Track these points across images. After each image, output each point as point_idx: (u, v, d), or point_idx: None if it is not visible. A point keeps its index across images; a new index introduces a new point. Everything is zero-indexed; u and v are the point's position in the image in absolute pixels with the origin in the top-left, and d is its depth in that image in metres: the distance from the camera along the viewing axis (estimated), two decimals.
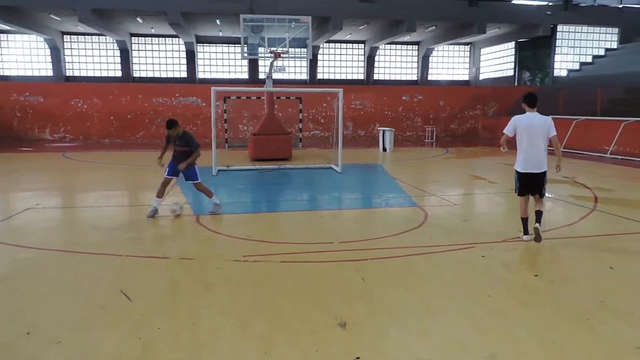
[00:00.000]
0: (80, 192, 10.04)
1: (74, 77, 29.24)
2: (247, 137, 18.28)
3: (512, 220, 7.23)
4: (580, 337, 3.54)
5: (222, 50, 30.93)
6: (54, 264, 5.23)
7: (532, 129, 5.81)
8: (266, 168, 12.79)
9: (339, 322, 3.73)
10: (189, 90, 24.07)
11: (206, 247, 5.79)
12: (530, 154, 5.83)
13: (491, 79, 32.09)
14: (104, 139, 23.09)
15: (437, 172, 13.43)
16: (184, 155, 7.14)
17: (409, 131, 26.02)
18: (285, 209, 8.46)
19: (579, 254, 5.62)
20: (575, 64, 28.07)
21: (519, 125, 5.95)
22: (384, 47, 32.22)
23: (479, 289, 4.45)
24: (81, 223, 7.28)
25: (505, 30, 27.89)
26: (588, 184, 10.51)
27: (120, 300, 4.16)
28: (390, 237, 6.26)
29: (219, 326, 3.68)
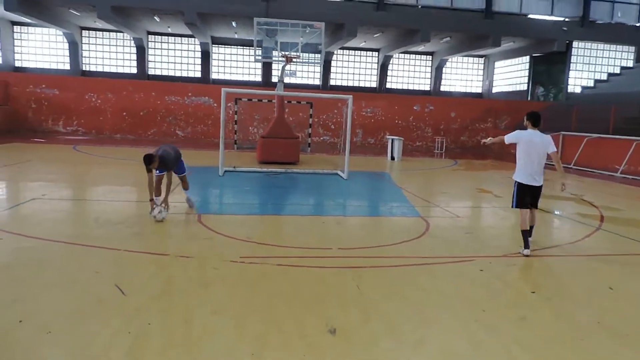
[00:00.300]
0: (88, 185, 10.15)
1: (90, 72, 29.62)
2: (256, 139, 18.36)
3: (514, 235, 7.18)
4: (575, 358, 3.50)
5: (236, 52, 31.15)
6: (56, 255, 5.29)
7: (533, 146, 6.04)
8: (273, 171, 12.83)
9: (329, 329, 3.72)
10: (201, 90, 24.26)
11: (205, 246, 5.82)
12: (529, 168, 6.05)
13: (504, 92, 31.96)
14: (115, 134, 23.33)
15: (444, 183, 13.38)
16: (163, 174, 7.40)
17: (418, 141, 25.96)
18: (288, 213, 8.48)
19: (579, 272, 5.57)
20: (589, 81, 27.86)
21: (521, 139, 6.19)
22: (397, 56, 32.25)
23: (475, 303, 4.42)
24: (86, 216, 7.36)
25: (520, 44, 27.79)
26: (596, 202, 10.41)
27: (116, 294, 4.19)
28: (390, 246, 6.25)
29: (211, 325, 3.70)
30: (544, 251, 6.32)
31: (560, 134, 20.23)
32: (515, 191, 6.26)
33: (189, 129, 23.99)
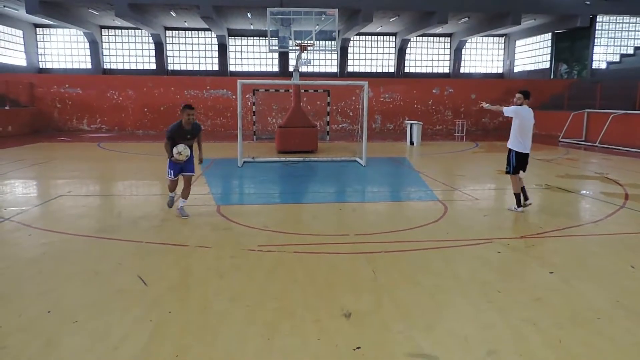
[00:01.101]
0: (110, 181, 10.43)
1: (110, 70, 30.19)
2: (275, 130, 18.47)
3: (533, 216, 7.10)
4: (589, 337, 3.48)
5: (253, 43, 31.25)
6: (81, 248, 5.49)
7: (529, 120, 7.14)
8: (291, 160, 12.91)
9: (344, 313, 3.79)
10: (219, 83, 24.48)
11: (223, 236, 5.95)
12: (526, 139, 7.15)
13: (526, 71, 31.24)
14: (137, 130, 23.79)
15: (463, 166, 13.25)
16: (191, 148, 6.70)
17: (438, 125, 25.68)
18: (305, 201, 8.56)
19: (600, 252, 5.48)
20: (615, 56, 26.99)
21: (522, 115, 7.11)
22: (415, 40, 31.83)
23: (490, 285, 4.42)
24: (109, 210, 7.58)
25: (541, 21, 27.05)
26: (621, 180, 10.17)
27: (137, 285, 4.34)
28: (407, 230, 6.26)
29: (228, 312, 3.81)
30: (564, 231, 6.24)
31: (585, 112, 19.71)
32: (513, 159, 7.20)
33: (208, 122, 24.26)
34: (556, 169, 11.95)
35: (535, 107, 25.28)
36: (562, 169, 12.08)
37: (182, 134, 6.50)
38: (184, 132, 6.52)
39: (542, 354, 3.24)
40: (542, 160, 13.79)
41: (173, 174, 6.80)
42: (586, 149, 17.29)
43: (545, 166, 12.61)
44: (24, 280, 4.44)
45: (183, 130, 6.51)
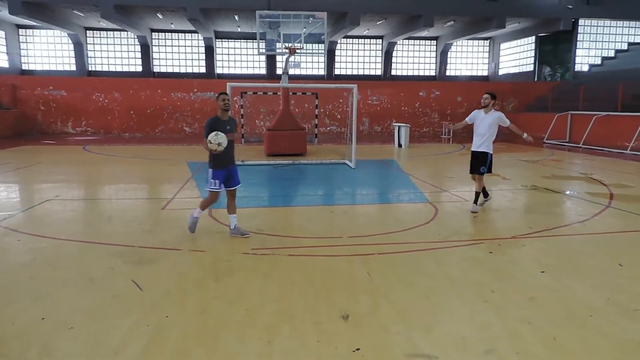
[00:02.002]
0: (99, 185, 10.31)
1: (96, 72, 29.86)
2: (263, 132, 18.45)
3: (523, 217, 7.22)
4: (583, 334, 3.55)
5: (240, 46, 31.19)
6: (72, 253, 5.42)
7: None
8: (280, 163, 12.92)
9: (342, 315, 3.81)
10: (207, 86, 24.38)
11: (217, 239, 5.93)
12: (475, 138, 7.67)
13: (511, 74, 31.69)
14: (124, 133, 23.56)
15: (452, 168, 13.38)
16: (232, 146, 5.94)
17: (425, 127, 25.90)
18: (297, 204, 8.57)
19: (589, 251, 5.59)
20: (597, 59, 27.53)
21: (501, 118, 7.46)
22: (401, 43, 32.07)
23: (484, 285, 4.48)
24: (99, 215, 7.50)
25: (525, 24, 27.48)
26: (605, 180, 10.37)
27: (132, 289, 4.31)
28: (399, 232, 6.31)
29: (226, 316, 3.80)
30: (553, 231, 6.35)
31: (569, 114, 20.06)
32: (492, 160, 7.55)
33: (195, 124, 24.15)
34: (542, 170, 12.14)
35: (521, 109, 25.76)
36: (547, 169, 12.27)
37: (221, 127, 5.69)
38: (223, 123, 5.72)
39: (539, 352, 3.29)
40: (528, 161, 14.00)
41: (219, 184, 5.82)
42: (570, 150, 17.59)
43: (531, 167, 12.80)
44: (15, 287, 4.37)
45: (221, 122, 5.72)
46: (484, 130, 7.34)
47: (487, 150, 7.39)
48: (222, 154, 5.68)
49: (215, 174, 5.80)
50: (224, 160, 5.79)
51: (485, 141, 7.37)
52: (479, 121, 7.38)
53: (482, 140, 7.39)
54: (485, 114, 7.34)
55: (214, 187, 5.81)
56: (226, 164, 5.83)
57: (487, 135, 7.36)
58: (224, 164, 5.82)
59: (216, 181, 5.80)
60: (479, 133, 7.42)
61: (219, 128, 5.61)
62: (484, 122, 7.33)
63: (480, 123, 7.37)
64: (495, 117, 7.33)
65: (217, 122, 5.69)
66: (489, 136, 7.38)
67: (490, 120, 7.31)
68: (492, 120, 7.32)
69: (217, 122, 5.70)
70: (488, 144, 7.39)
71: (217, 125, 5.66)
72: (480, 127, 7.37)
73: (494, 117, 7.33)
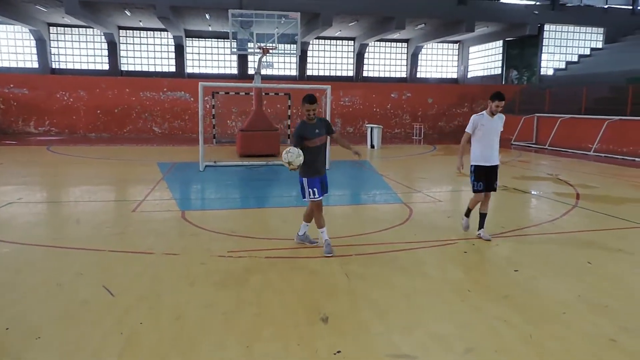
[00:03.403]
0: (65, 187, 9.95)
1: (60, 70, 28.89)
2: (235, 133, 18.24)
3: (495, 217, 7.34)
4: (557, 330, 3.62)
5: (211, 45, 30.77)
6: (37, 258, 5.19)
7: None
8: (254, 164, 12.79)
9: (321, 317, 3.77)
10: (177, 85, 23.95)
11: (191, 242, 5.80)
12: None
13: (479, 77, 32.36)
14: (90, 133, 22.89)
15: (424, 169, 13.55)
16: (325, 149, 5.49)
17: (397, 128, 26.17)
18: (272, 205, 8.49)
19: (559, 249, 5.73)
20: (561, 63, 28.41)
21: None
22: (373, 44, 32.30)
23: (461, 284, 4.53)
24: (65, 218, 7.23)
25: (493, 29, 28.12)
26: (571, 181, 10.69)
27: (103, 295, 4.15)
28: (375, 233, 6.32)
29: (203, 321, 3.70)
30: (524, 230, 6.50)
31: (535, 116, 20.63)
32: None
33: (165, 124, 23.69)
34: (511, 171, 12.41)
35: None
36: (516, 170, 12.56)
37: (310, 131, 5.21)
38: (311, 128, 5.23)
39: (517, 349, 3.34)
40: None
41: (319, 192, 5.30)
42: (537, 151, 18.09)
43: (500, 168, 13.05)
44: None
45: (309, 126, 5.23)
46: (496, 137, 6.00)
47: (498, 163, 6.17)
48: (314, 161, 5.24)
49: (311, 182, 5.26)
50: (316, 168, 5.29)
51: (496, 150, 6.08)
52: (487, 128, 5.92)
53: (494, 151, 6.03)
54: (492, 119, 5.94)
55: (314, 197, 5.27)
56: (318, 171, 5.32)
57: (498, 142, 6.08)
58: (316, 172, 5.30)
59: (315, 190, 5.26)
60: (488, 142, 5.97)
61: (306, 134, 5.17)
62: (494, 129, 5.95)
63: (489, 130, 5.93)
64: (503, 120, 6.08)
65: (304, 128, 5.20)
66: (498, 142, 6.11)
67: (501, 125, 6.05)
68: (501, 125, 6.07)
69: (304, 128, 5.20)
70: (497, 153, 6.14)
71: (304, 131, 5.18)
72: (489, 134, 5.94)
73: (503, 120, 6.07)
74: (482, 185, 6.01)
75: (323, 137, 5.31)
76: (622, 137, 16.45)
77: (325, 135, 5.34)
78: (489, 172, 6.02)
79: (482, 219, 6.09)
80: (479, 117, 5.96)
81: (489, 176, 6.03)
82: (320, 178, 5.32)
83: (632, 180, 11.14)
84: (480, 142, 5.97)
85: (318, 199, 5.28)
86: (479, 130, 5.94)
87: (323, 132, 5.30)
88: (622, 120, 16.47)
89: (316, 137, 5.22)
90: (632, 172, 12.40)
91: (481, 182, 6.00)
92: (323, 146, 5.36)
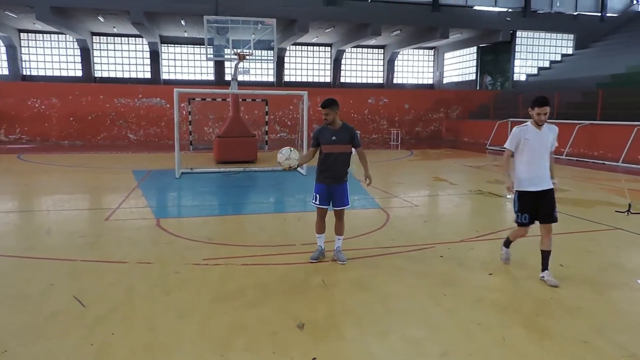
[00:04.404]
0: (36, 196, 9.70)
1: (31, 77, 28.24)
2: (212, 139, 18.10)
3: (470, 220, 7.45)
4: (530, 333, 3.67)
5: (187, 51, 30.52)
6: (4, 269, 5.04)
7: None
8: (231, 170, 12.70)
9: (297, 324, 3.75)
10: (152, 91, 23.66)
11: (166, 250, 5.70)
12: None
13: (454, 82, 32.87)
14: (63, 141, 22.41)
15: (401, 174, 13.65)
16: (344, 160, 5.12)
17: (374, 134, 26.36)
18: (249, 212, 8.43)
19: (532, 252, 5.79)
20: (533, 69, 29.09)
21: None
22: (350, 50, 32.52)
23: (436, 288, 4.56)
24: (36, 228, 7.04)
25: (467, 35, 28.64)
26: None
27: (74, 306, 4.05)
28: (352, 238, 6.32)
29: (177, 331, 3.64)
30: (499, 234, 6.58)
31: (509, 121, 21.04)
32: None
33: (141, 131, 23.35)
34: (486, 175, 12.62)
35: (464, 117, 26.78)
36: (491, 174, 12.77)
37: (325, 135, 5.01)
38: (329, 132, 5.01)
39: (491, 352, 3.37)
40: (472, 167, 14.53)
41: (319, 200, 5.12)
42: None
43: (475, 172, 13.29)
44: None
45: (327, 130, 5.03)
46: (545, 154, 4.76)
47: (552, 186, 4.84)
48: (325, 168, 5.03)
49: (316, 187, 5.13)
50: (325, 174, 5.07)
51: (547, 170, 4.79)
52: (534, 143, 4.71)
53: (544, 171, 4.76)
54: (539, 131, 4.74)
55: (314, 202, 5.16)
56: (327, 179, 5.07)
57: (548, 160, 4.80)
58: (324, 179, 5.08)
59: (317, 195, 5.11)
60: (536, 162, 4.72)
61: (323, 136, 5.00)
62: (542, 144, 4.74)
63: (535, 145, 4.72)
64: (555, 133, 4.83)
65: (320, 130, 5.05)
66: (548, 160, 4.82)
67: (552, 138, 4.80)
68: (553, 138, 4.81)
69: (321, 131, 5.04)
70: (548, 174, 4.81)
71: (319, 134, 5.02)
72: (537, 151, 4.72)
73: (555, 133, 4.82)
74: (527, 217, 4.84)
75: (342, 146, 5.02)
76: (592, 141, 16.90)
77: (346, 144, 5.04)
78: (539, 199, 4.76)
79: (544, 259, 4.87)
80: (522, 130, 4.78)
81: (541, 204, 4.77)
82: (327, 186, 5.09)
83: (602, 183, 11.45)
84: (526, 162, 4.74)
85: (317, 205, 5.16)
86: (524, 146, 4.73)
87: (343, 141, 5.01)
88: (592, 125, 16.93)
89: (332, 143, 4.98)
90: (602, 176, 12.75)
91: (527, 213, 4.83)
92: (341, 155, 5.05)
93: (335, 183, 5.11)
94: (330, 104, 4.95)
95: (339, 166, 5.07)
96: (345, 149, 5.05)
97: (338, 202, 5.19)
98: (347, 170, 5.15)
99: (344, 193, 5.19)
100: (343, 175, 5.15)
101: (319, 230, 5.32)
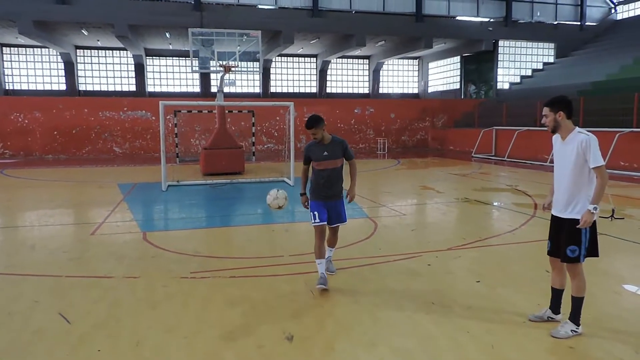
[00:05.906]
0: (20, 211, 9.55)
1: (14, 91, 27.92)
2: (199, 151, 18.02)
3: (457, 229, 7.50)
4: (517, 340, 3.70)
5: (172, 64, 30.47)
6: None
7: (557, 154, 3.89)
8: (218, 182, 12.65)
9: (286, 336, 3.73)
10: (137, 104, 23.53)
11: (152, 264, 5.65)
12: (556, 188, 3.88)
13: (439, 91, 33.25)
14: (47, 155, 22.13)
15: (388, 183, 13.72)
16: (338, 175, 4.93)
17: (361, 143, 26.47)
18: (237, 224, 8.40)
19: (518, 259, 5.89)
20: (516, 77, 29.57)
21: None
22: (335, 61, 32.75)
23: (424, 297, 4.58)
24: (20, 243, 6.92)
25: (450, 45, 29.05)
26: (529, 191, 11.05)
27: (59, 323, 3.98)
28: (340, 248, 6.30)
29: (164, 345, 3.60)
30: (485, 241, 6.65)
31: (493, 129, 21.32)
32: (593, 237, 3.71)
33: (126, 144, 23.17)
34: (472, 183, 12.74)
35: (449, 125, 27.07)
36: (477, 182, 12.90)
37: (316, 152, 4.83)
38: (319, 148, 4.83)
39: None
40: (459, 175, 14.66)
41: (318, 217, 4.83)
42: (496, 163, 18.65)
43: (461, 180, 13.41)
44: None
45: (317, 146, 4.85)
46: (567, 169, 3.67)
47: (575, 216, 3.63)
48: (321, 185, 4.84)
49: (313, 205, 4.89)
50: (321, 192, 4.87)
51: (571, 194, 3.65)
52: (556, 154, 3.84)
53: (564, 192, 3.71)
54: (562, 141, 3.75)
55: (312, 221, 4.84)
56: (324, 196, 4.87)
57: (572, 181, 3.64)
58: (321, 196, 4.87)
59: (315, 214, 4.82)
60: (557, 177, 3.81)
61: (312, 155, 4.83)
62: (564, 157, 3.72)
63: (558, 157, 3.81)
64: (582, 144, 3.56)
65: (310, 148, 4.87)
66: (576, 182, 3.63)
67: (580, 150, 3.58)
68: (577, 149, 3.59)
69: (311, 148, 4.86)
70: (578, 200, 3.64)
71: (310, 151, 4.85)
72: (559, 164, 3.80)
73: (582, 144, 3.57)
74: (549, 244, 3.93)
75: (334, 162, 4.82)
76: None
77: (338, 159, 4.85)
78: (557, 227, 3.83)
79: (554, 298, 4.02)
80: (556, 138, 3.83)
81: (558, 233, 3.81)
82: (325, 203, 4.88)
83: None
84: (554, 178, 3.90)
85: (316, 224, 4.81)
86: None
87: (335, 155, 4.82)
88: None
89: (323, 159, 4.79)
90: None
91: (549, 240, 3.94)
92: (335, 171, 4.85)
93: (332, 200, 4.93)
94: (314, 123, 4.72)
95: (334, 181, 4.90)
96: (338, 164, 4.89)
97: (335, 219, 5.02)
98: (342, 184, 5.01)
99: (341, 209, 5.02)
100: (339, 190, 4.98)
101: (320, 255, 4.80)
